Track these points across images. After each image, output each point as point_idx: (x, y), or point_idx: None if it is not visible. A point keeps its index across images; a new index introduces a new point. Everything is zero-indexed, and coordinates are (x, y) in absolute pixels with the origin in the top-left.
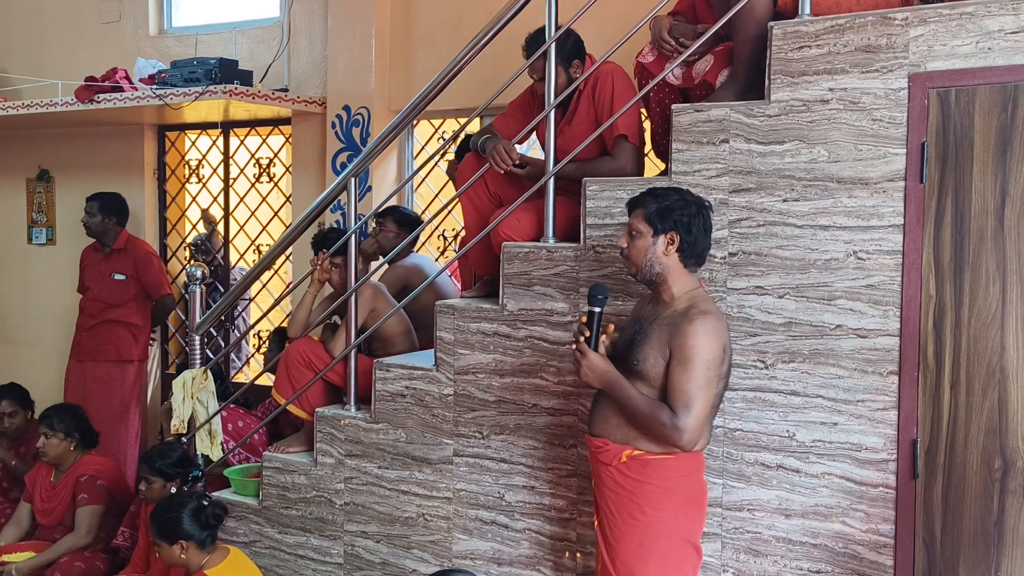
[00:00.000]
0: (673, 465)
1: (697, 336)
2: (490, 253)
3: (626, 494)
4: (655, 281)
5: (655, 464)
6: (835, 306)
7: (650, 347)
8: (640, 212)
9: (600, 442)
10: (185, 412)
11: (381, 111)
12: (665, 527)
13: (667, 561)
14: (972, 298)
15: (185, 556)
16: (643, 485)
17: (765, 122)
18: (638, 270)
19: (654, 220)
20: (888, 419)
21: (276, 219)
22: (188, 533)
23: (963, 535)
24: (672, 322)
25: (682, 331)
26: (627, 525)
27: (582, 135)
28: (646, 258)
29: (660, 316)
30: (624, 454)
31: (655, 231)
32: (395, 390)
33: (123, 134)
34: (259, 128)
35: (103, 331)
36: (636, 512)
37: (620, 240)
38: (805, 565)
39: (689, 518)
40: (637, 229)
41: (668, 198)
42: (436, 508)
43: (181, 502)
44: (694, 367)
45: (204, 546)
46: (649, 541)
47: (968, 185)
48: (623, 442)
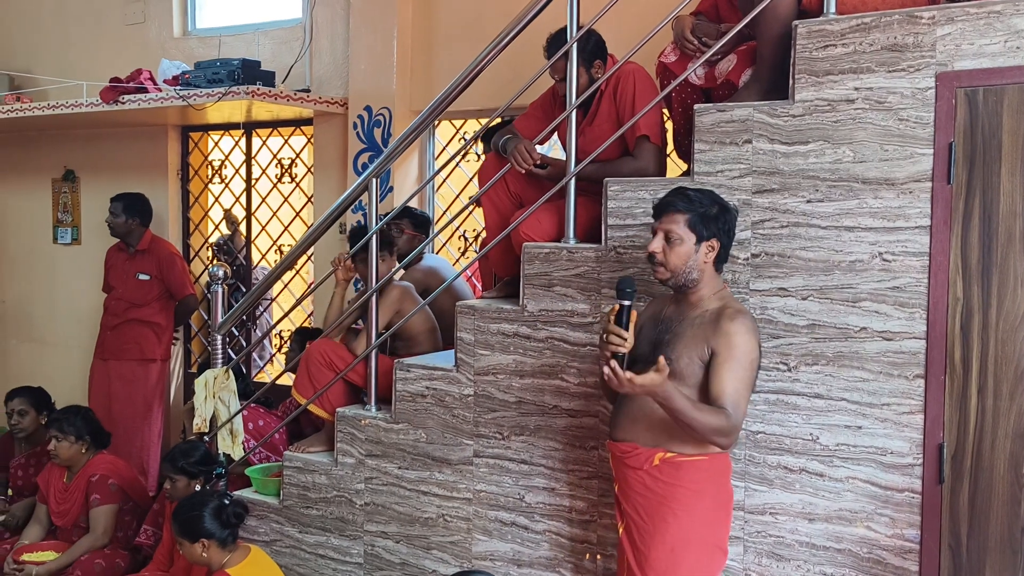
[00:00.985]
0: (705, 467)
1: (740, 335)
2: (511, 254)
3: (657, 498)
4: (688, 286)
5: (688, 466)
6: (860, 308)
7: (684, 346)
8: (681, 218)
9: (628, 446)
10: (207, 411)
11: (402, 111)
12: (696, 532)
13: (697, 567)
14: (1000, 300)
15: (207, 554)
16: (675, 488)
17: (789, 122)
18: (674, 276)
19: (699, 228)
20: (914, 423)
21: (298, 219)
22: (209, 531)
23: (990, 541)
24: (707, 321)
25: (724, 330)
26: (658, 531)
27: (603, 135)
28: (687, 265)
29: (688, 316)
30: (656, 457)
31: (699, 239)
32: (415, 390)
33: (147, 135)
34: (281, 129)
35: (127, 330)
36: (668, 516)
37: (651, 245)
38: (829, 570)
39: (719, 522)
40: (677, 235)
41: (704, 203)
42: (456, 509)
43: (202, 501)
44: (741, 366)
45: (225, 545)
46: (680, 547)
47: (996, 186)
48: (654, 445)
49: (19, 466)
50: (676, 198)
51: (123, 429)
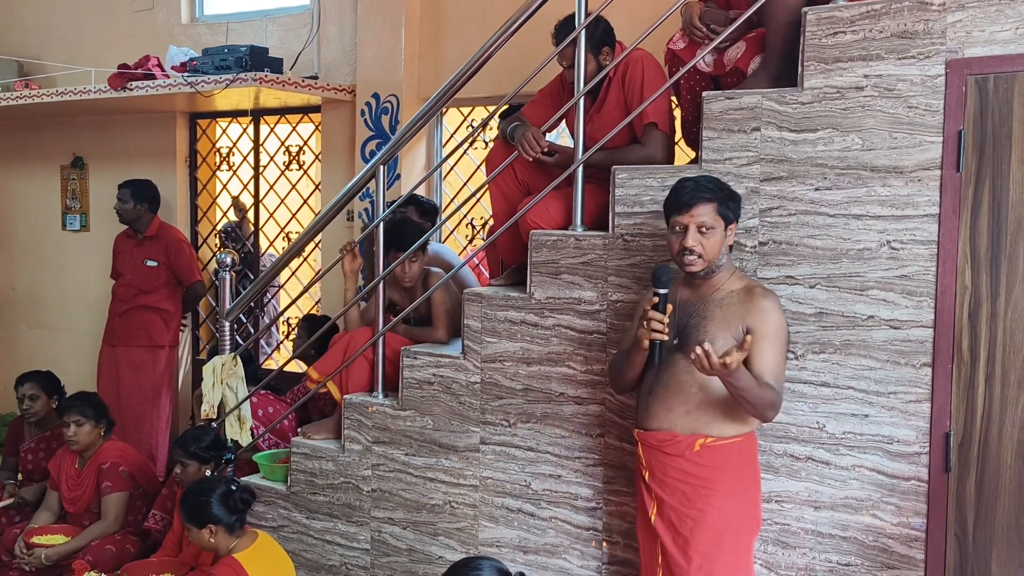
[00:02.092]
0: (742, 447)
1: (775, 311)
2: (518, 241)
3: (699, 483)
4: (714, 271)
5: (728, 449)
6: (867, 296)
7: (717, 327)
8: (710, 207)
9: (666, 435)
10: (215, 398)
11: (410, 99)
12: (737, 510)
13: (739, 544)
14: (1009, 289)
15: (214, 540)
16: (717, 471)
17: (798, 109)
18: (708, 265)
19: (726, 213)
20: (921, 411)
21: (305, 207)
22: (217, 517)
23: (996, 530)
24: (736, 301)
25: (761, 308)
26: (702, 514)
27: (612, 123)
28: (720, 252)
29: (713, 298)
30: (697, 443)
31: (727, 223)
32: (422, 377)
33: (155, 122)
34: (289, 116)
35: (135, 316)
36: (712, 499)
37: (687, 240)
38: (834, 558)
39: (755, 496)
40: (709, 225)
41: (724, 189)
42: (462, 495)
43: (210, 487)
44: (779, 341)
45: (233, 530)
46: (724, 527)
47: (1006, 174)
48: (692, 431)
49: (29, 450)
50: (699, 190)
51: (132, 415)
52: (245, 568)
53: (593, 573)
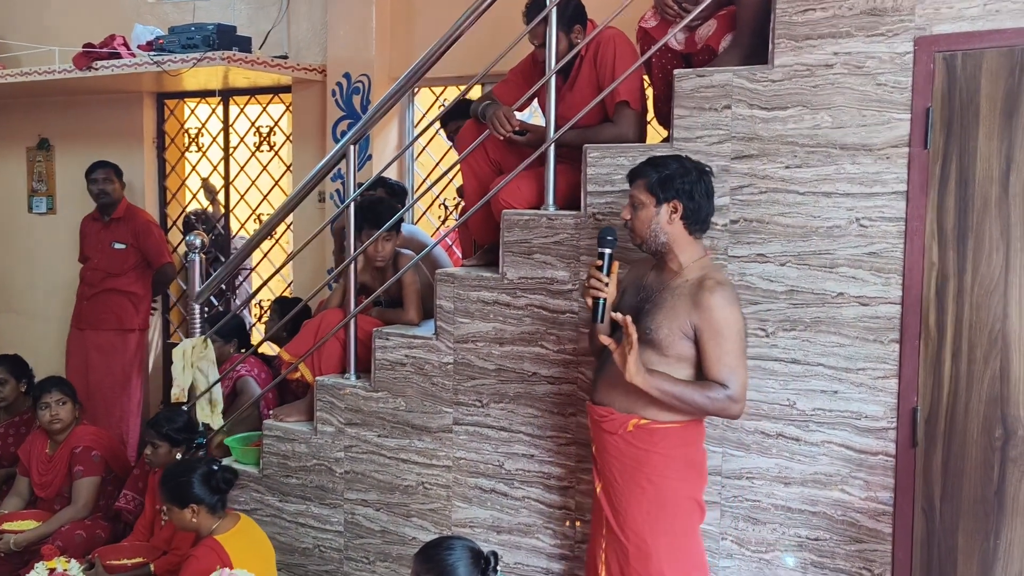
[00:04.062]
0: (678, 434)
1: (723, 308)
2: (490, 221)
3: (631, 463)
4: (662, 251)
5: (661, 433)
6: (837, 274)
7: (664, 316)
8: (641, 182)
9: (604, 411)
10: (185, 381)
11: (382, 79)
12: (671, 491)
13: (675, 524)
14: (975, 265)
15: (196, 520)
16: (648, 454)
17: (768, 87)
18: (643, 241)
19: (656, 190)
20: (889, 387)
21: (277, 188)
22: (199, 497)
23: (963, 503)
24: (687, 292)
25: (705, 305)
26: (633, 494)
27: (583, 101)
28: (651, 229)
29: (670, 285)
30: (631, 423)
31: (658, 201)
32: (395, 359)
33: (122, 102)
34: (259, 96)
35: (104, 300)
36: (643, 481)
37: (623, 212)
38: (803, 533)
39: (692, 482)
40: (639, 200)
41: (668, 166)
42: (436, 476)
43: (191, 467)
44: (729, 338)
45: (215, 511)
46: (656, 508)
47: (973, 151)
48: (628, 411)
49: None
50: (642, 164)
51: (102, 399)
52: (227, 550)
53: (565, 552)
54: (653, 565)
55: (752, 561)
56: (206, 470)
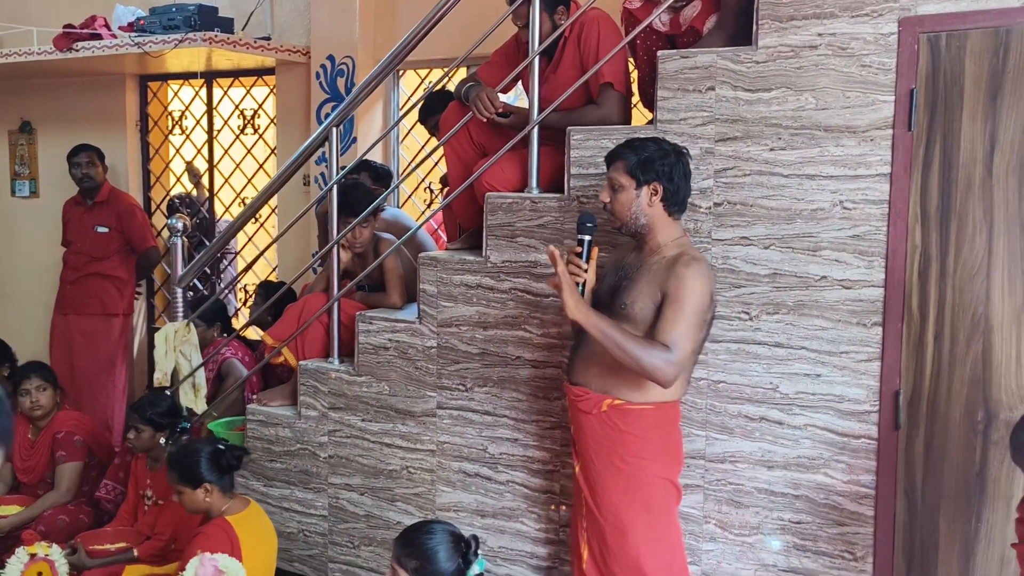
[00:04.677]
0: (651, 416)
1: (689, 279)
2: (474, 204)
3: (607, 442)
4: (641, 232)
5: (634, 414)
6: (820, 257)
7: (639, 291)
8: (620, 165)
9: (580, 391)
10: (168, 365)
11: (366, 61)
12: (646, 473)
13: (651, 504)
14: (958, 248)
15: (209, 499)
16: (622, 435)
17: (752, 68)
18: (623, 223)
19: (636, 172)
20: (871, 370)
21: (261, 172)
22: (211, 477)
23: (945, 486)
24: (662, 268)
25: (675, 275)
26: (608, 474)
27: (567, 83)
28: (631, 211)
29: (647, 263)
30: (604, 403)
31: (638, 183)
32: (378, 343)
33: (105, 85)
34: (243, 79)
35: (87, 284)
36: (617, 461)
37: (602, 195)
38: (786, 516)
39: (668, 463)
40: (619, 183)
41: (647, 149)
42: (420, 461)
43: (198, 447)
44: (686, 308)
45: (226, 491)
46: (633, 488)
47: (957, 132)
48: (602, 391)
49: None
50: (619, 147)
51: (86, 384)
52: (236, 532)
53: (550, 536)
54: (630, 543)
55: (735, 544)
56: (214, 449)
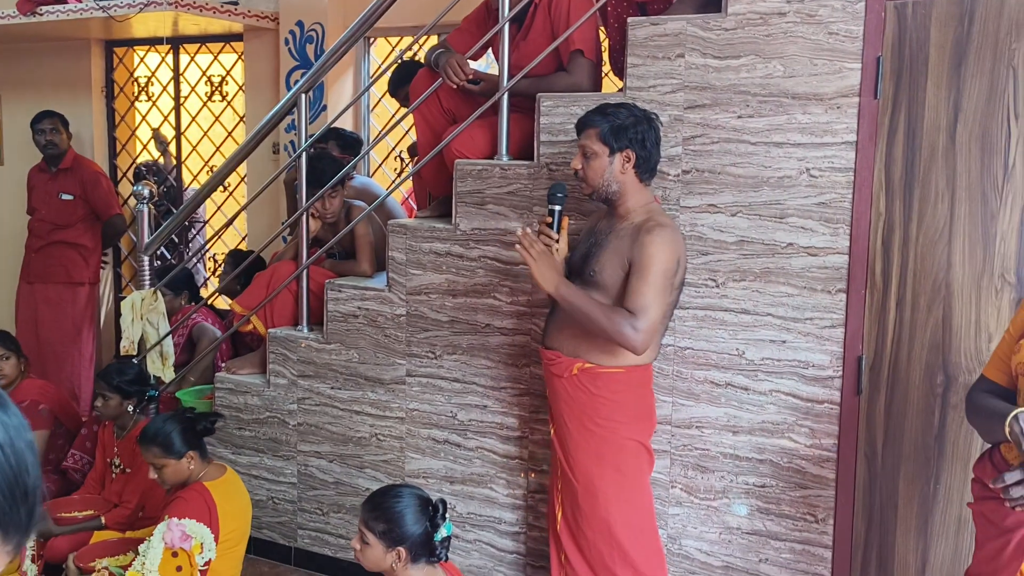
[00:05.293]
0: (622, 379)
1: (655, 245)
2: (444, 172)
3: (579, 405)
4: (613, 199)
5: (605, 377)
6: (787, 224)
7: (607, 257)
8: (593, 132)
9: (552, 354)
10: (135, 334)
11: (336, 27)
12: (618, 436)
13: (623, 466)
14: (921, 215)
15: (192, 466)
16: (594, 398)
17: (721, 36)
18: (595, 190)
19: (609, 139)
20: (835, 336)
21: (230, 139)
22: (192, 444)
23: (904, 449)
24: (629, 233)
25: (640, 241)
26: (581, 436)
27: (537, 50)
28: (604, 178)
29: (616, 228)
30: (575, 367)
31: (611, 150)
32: (347, 311)
33: (69, 50)
34: (210, 45)
35: (52, 253)
36: (589, 424)
37: (573, 162)
38: (751, 480)
39: (639, 426)
40: (592, 150)
41: (619, 115)
42: (389, 428)
43: (171, 419)
44: (651, 274)
45: (204, 458)
46: (604, 450)
47: (922, 101)
48: (573, 355)
49: None
50: (591, 114)
51: (52, 354)
52: (214, 497)
53: (519, 502)
54: (600, 504)
55: (700, 508)
56: (186, 418)
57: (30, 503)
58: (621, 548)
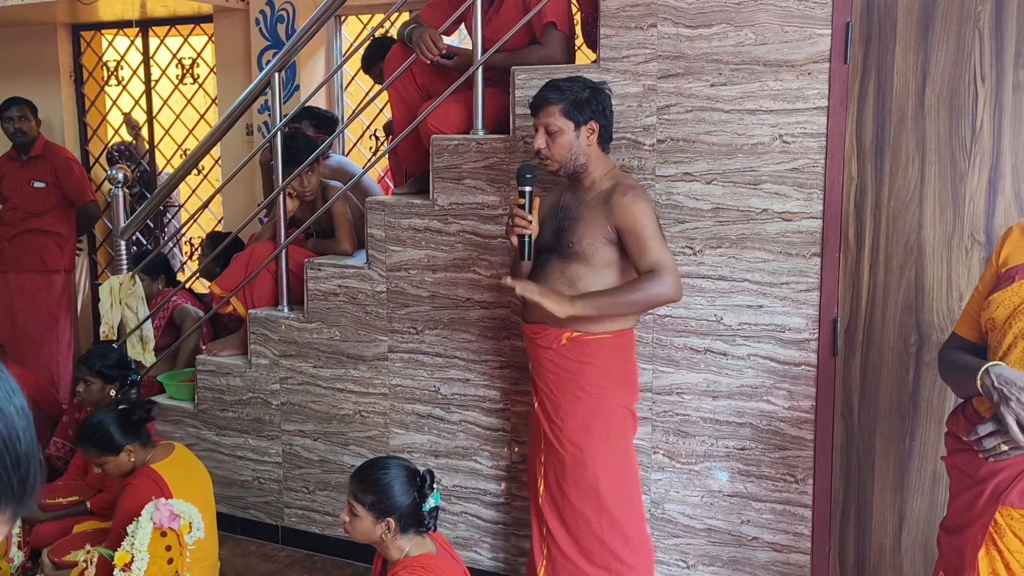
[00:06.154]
0: (610, 344)
1: (636, 205)
2: (420, 148)
3: (567, 375)
4: (579, 172)
5: (594, 344)
6: (761, 190)
7: (584, 228)
8: (555, 109)
9: (537, 328)
10: (114, 318)
11: (306, 5)
12: (605, 402)
13: (610, 432)
14: (892, 178)
15: (134, 459)
16: (582, 365)
17: (693, 5)
18: (562, 165)
19: (573, 114)
20: (811, 300)
21: (203, 122)
22: (129, 438)
23: (880, 408)
24: (601, 201)
25: (620, 209)
26: (569, 404)
27: (510, 24)
28: (571, 153)
29: (585, 200)
30: (564, 336)
31: (576, 124)
32: (327, 289)
33: (35, 35)
34: (179, 27)
35: (26, 241)
36: (577, 391)
37: (536, 142)
38: (731, 443)
39: (626, 391)
40: (556, 126)
41: (574, 89)
42: (372, 404)
43: (104, 416)
44: (648, 229)
45: (146, 445)
46: (591, 417)
47: (891, 65)
48: (560, 325)
49: None
50: (547, 91)
51: (29, 343)
52: (164, 478)
53: (503, 473)
54: (589, 471)
55: (682, 473)
56: (120, 410)
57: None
58: (610, 514)
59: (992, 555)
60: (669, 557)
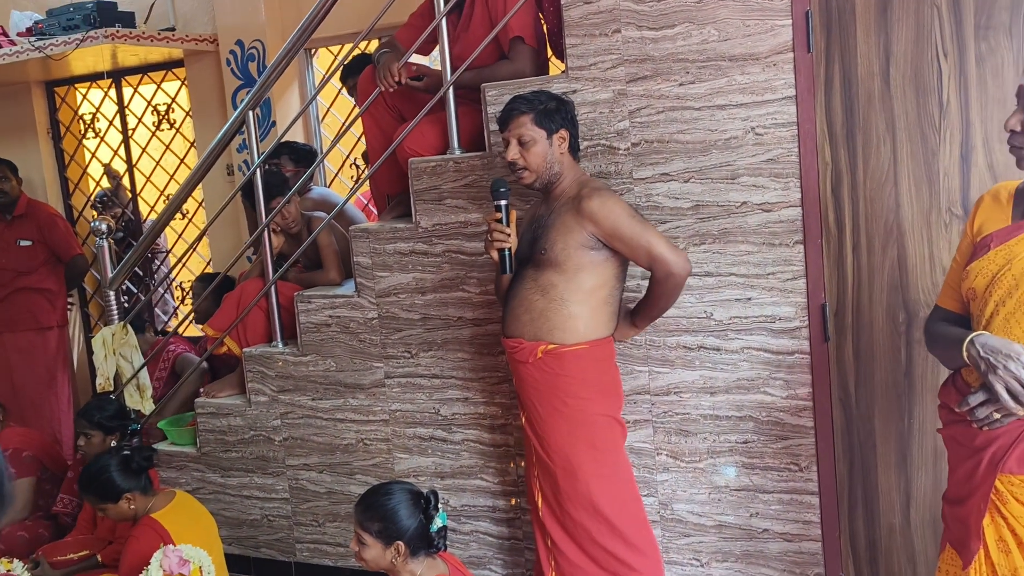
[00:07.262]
0: (586, 355)
1: (608, 203)
2: (397, 170)
3: (546, 387)
4: (553, 181)
5: (570, 356)
6: (739, 184)
7: (556, 234)
8: (526, 119)
9: (515, 342)
10: (109, 369)
11: (276, 42)
12: (586, 413)
13: (597, 441)
14: (865, 160)
15: (134, 507)
16: (558, 377)
17: (654, 7)
18: (538, 176)
19: (545, 122)
20: (798, 288)
21: (183, 166)
22: (128, 485)
23: (876, 389)
24: (570, 207)
25: (594, 216)
26: (552, 418)
27: (478, 41)
28: (546, 162)
29: (555, 208)
30: (539, 350)
31: (548, 132)
32: (319, 320)
33: (10, 94)
34: (152, 74)
35: (17, 300)
36: (558, 404)
37: (508, 154)
38: (733, 438)
39: (607, 400)
40: (529, 136)
41: (541, 100)
42: (374, 431)
43: (105, 462)
44: (628, 220)
45: (146, 492)
46: (575, 428)
47: (853, 49)
48: (535, 339)
49: None
50: (515, 103)
51: (29, 401)
52: (165, 527)
53: (510, 488)
54: (580, 481)
55: (688, 472)
56: (121, 458)
57: None
58: (608, 521)
59: (997, 522)
60: (682, 557)
